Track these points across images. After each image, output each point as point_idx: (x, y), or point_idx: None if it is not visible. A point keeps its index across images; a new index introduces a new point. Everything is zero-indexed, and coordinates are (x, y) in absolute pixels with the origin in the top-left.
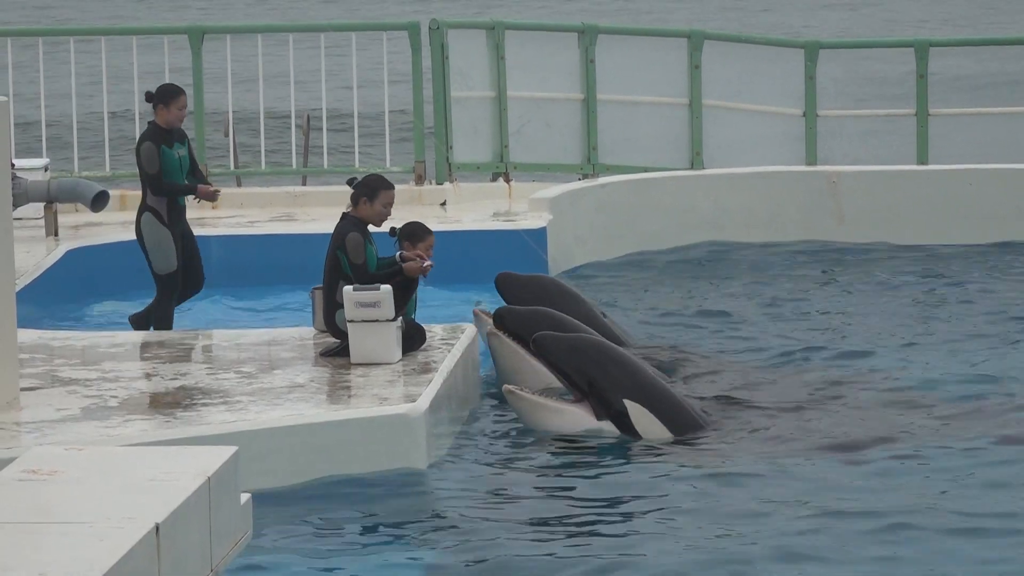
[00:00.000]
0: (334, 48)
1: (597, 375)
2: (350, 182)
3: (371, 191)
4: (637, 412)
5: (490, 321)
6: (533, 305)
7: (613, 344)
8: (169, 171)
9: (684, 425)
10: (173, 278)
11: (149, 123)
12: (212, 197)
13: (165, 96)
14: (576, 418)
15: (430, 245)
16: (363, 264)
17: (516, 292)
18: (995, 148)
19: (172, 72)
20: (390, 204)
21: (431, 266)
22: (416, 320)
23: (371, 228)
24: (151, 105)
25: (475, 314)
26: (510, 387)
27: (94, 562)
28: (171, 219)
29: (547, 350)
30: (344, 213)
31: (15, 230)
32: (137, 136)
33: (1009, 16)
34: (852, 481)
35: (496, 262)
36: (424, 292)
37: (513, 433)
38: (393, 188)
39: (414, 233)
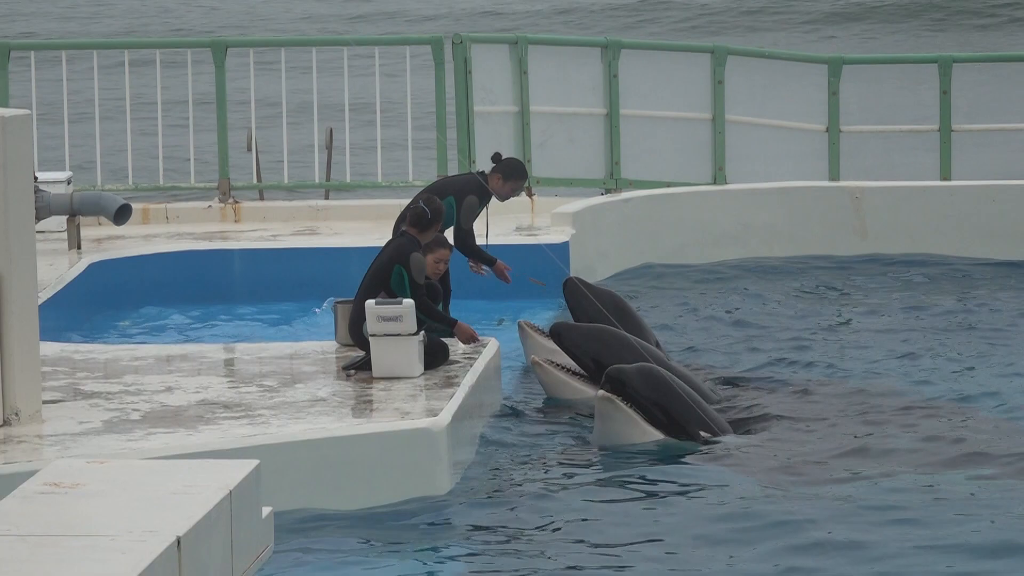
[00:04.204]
0: (357, 62)
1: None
2: (414, 210)
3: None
4: None
5: (536, 336)
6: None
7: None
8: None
9: (696, 419)
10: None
11: (480, 173)
12: (505, 278)
13: (512, 173)
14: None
15: (440, 258)
16: (424, 286)
17: (582, 302)
18: (1019, 165)
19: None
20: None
21: (478, 341)
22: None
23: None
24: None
25: (520, 326)
26: (537, 359)
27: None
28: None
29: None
30: (403, 230)
31: (38, 243)
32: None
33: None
34: (873, 496)
35: (518, 277)
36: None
37: (536, 447)
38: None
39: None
